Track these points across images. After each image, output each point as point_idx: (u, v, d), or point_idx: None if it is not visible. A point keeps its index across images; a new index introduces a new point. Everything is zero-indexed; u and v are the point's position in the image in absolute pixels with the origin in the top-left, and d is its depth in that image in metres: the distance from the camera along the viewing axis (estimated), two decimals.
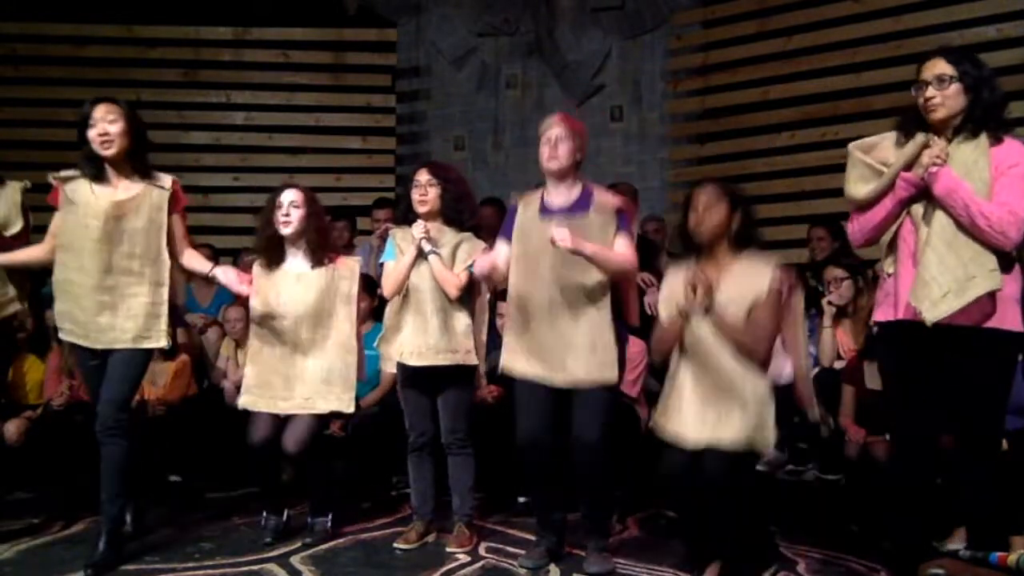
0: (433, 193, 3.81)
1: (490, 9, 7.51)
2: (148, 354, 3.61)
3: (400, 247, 3.85)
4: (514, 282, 3.56)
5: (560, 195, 3.54)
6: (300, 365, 3.81)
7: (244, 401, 3.85)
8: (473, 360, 3.81)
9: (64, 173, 3.54)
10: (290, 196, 3.85)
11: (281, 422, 3.88)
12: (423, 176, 3.84)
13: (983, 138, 2.93)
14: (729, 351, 3.15)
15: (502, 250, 3.61)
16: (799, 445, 4.82)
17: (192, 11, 7.14)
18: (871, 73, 6.19)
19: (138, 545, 3.71)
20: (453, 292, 3.74)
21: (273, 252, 3.88)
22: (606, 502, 3.61)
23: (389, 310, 3.89)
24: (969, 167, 2.90)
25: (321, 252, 3.86)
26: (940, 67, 2.96)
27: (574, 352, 3.44)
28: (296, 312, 3.79)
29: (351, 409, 3.84)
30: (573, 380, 3.44)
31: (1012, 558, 3.47)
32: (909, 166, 2.98)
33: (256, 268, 3.92)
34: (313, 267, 3.85)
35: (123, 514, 3.57)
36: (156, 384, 5.22)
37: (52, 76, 7.07)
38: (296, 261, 3.87)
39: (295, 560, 3.60)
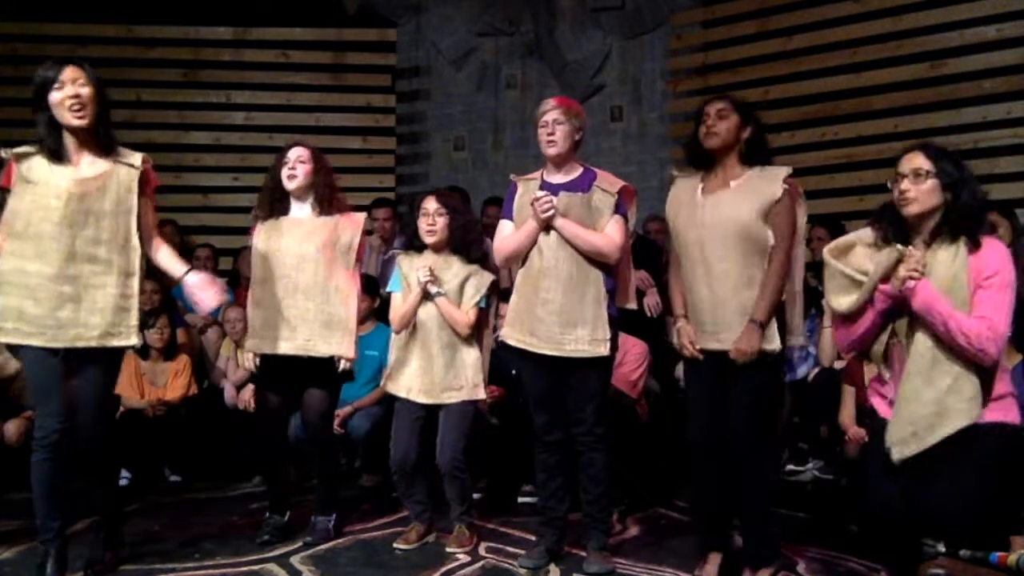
0: (441, 223, 3.80)
1: (490, 9, 7.51)
2: (120, 353, 3.28)
3: (407, 278, 3.85)
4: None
5: (559, 176, 3.56)
6: (302, 306, 3.76)
7: (250, 344, 3.84)
8: (480, 394, 3.82)
9: (20, 149, 3.19)
10: (296, 152, 3.85)
11: (285, 417, 3.90)
12: (431, 205, 3.83)
13: (962, 246, 2.83)
14: (725, 258, 3.18)
15: (507, 229, 3.63)
16: (799, 445, 4.83)
17: (192, 11, 7.14)
18: (871, 73, 6.19)
19: (138, 545, 3.71)
20: (464, 331, 3.76)
21: (276, 204, 3.87)
22: (606, 502, 3.61)
23: (395, 344, 3.90)
24: (950, 283, 2.81)
25: (328, 205, 3.85)
26: (918, 161, 2.87)
27: (568, 324, 3.45)
28: (298, 255, 3.77)
29: (351, 354, 3.81)
30: (564, 352, 3.46)
31: (1012, 558, 3.47)
32: (886, 278, 2.88)
33: (258, 224, 3.90)
34: (318, 218, 3.83)
35: (119, 507, 3.49)
36: (156, 384, 5.23)
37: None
38: (301, 210, 3.87)
39: (295, 560, 3.60)
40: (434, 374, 3.77)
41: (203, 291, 3.35)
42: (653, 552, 3.75)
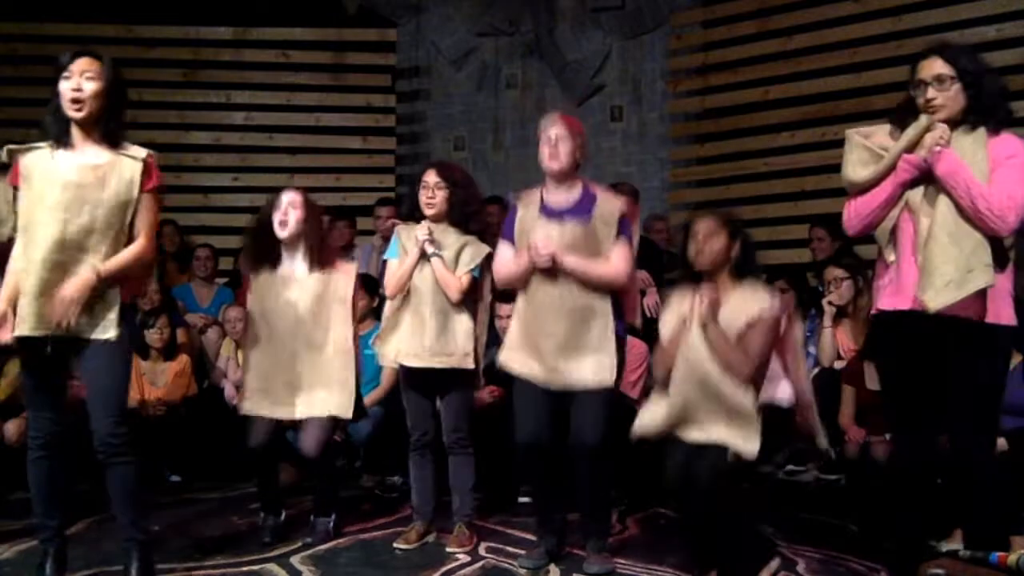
0: (441, 196, 3.80)
1: (490, 9, 7.51)
2: (123, 346, 3.13)
3: (404, 246, 3.84)
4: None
5: (560, 195, 3.54)
6: (299, 370, 3.79)
7: (246, 407, 3.84)
8: (470, 364, 3.79)
9: (20, 146, 3.15)
10: (288, 198, 3.84)
11: (280, 429, 3.89)
12: (431, 178, 3.83)
13: (981, 130, 2.95)
14: (719, 368, 3.15)
15: (506, 253, 3.61)
16: (799, 445, 4.83)
17: (192, 11, 7.14)
18: (871, 73, 6.19)
19: None
20: (454, 295, 3.74)
21: (263, 253, 3.87)
22: (606, 502, 3.61)
23: (388, 309, 3.89)
24: (969, 157, 2.91)
25: (319, 256, 3.85)
26: (938, 67, 2.96)
27: (572, 354, 3.44)
28: (293, 316, 3.78)
29: (349, 415, 3.83)
30: (569, 383, 3.45)
31: (1012, 558, 3.47)
32: (911, 149, 2.99)
33: (252, 276, 3.91)
34: (310, 271, 3.84)
35: (149, 536, 3.29)
36: (156, 384, 5.23)
37: (52, 76, 7.04)
38: (293, 265, 3.86)
39: (295, 560, 3.60)
40: (424, 338, 3.75)
41: (63, 293, 3.02)
42: (653, 552, 3.74)
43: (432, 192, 3.80)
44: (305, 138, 7.34)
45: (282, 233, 3.82)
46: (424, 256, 3.76)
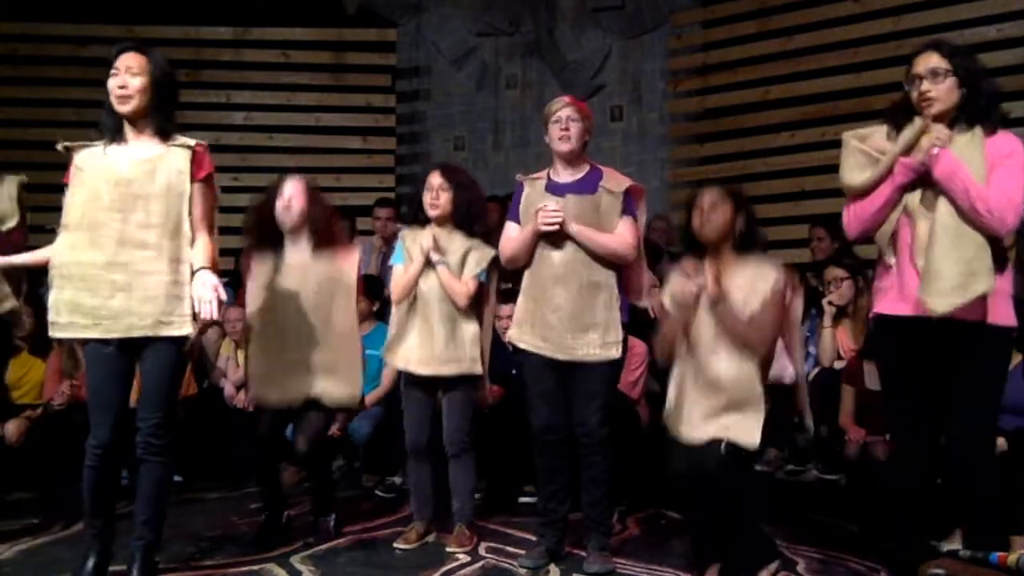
0: (445, 198, 3.79)
1: (490, 9, 7.51)
2: (180, 344, 3.13)
3: (409, 251, 3.84)
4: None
5: (567, 175, 3.57)
6: (304, 356, 3.76)
7: (252, 395, 3.82)
8: (478, 369, 3.80)
9: (76, 143, 3.18)
10: (291, 187, 3.83)
11: (285, 419, 3.89)
12: (436, 179, 3.83)
13: (978, 130, 2.94)
14: (726, 350, 3.15)
15: (512, 232, 3.63)
16: (799, 446, 4.83)
17: (192, 11, 7.14)
18: (871, 73, 6.19)
19: None
20: (462, 301, 3.74)
21: (265, 237, 3.85)
22: (607, 500, 3.61)
23: (395, 316, 3.88)
24: (966, 158, 2.90)
25: (323, 241, 3.85)
26: (933, 61, 2.96)
27: (579, 328, 3.45)
28: (297, 301, 3.77)
29: (356, 403, 3.82)
30: (575, 356, 3.46)
31: (1012, 558, 3.46)
32: (907, 152, 2.98)
33: (255, 260, 3.89)
34: (314, 256, 3.83)
35: (158, 539, 3.27)
36: None
37: (52, 76, 7.07)
38: (297, 250, 3.85)
39: (295, 560, 3.60)
40: (434, 346, 3.76)
41: (201, 293, 3.06)
42: (653, 552, 3.74)
43: (436, 194, 3.80)
44: (305, 138, 7.35)
45: (285, 220, 3.81)
46: (429, 264, 3.76)
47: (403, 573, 3.51)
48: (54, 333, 3.11)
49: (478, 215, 3.87)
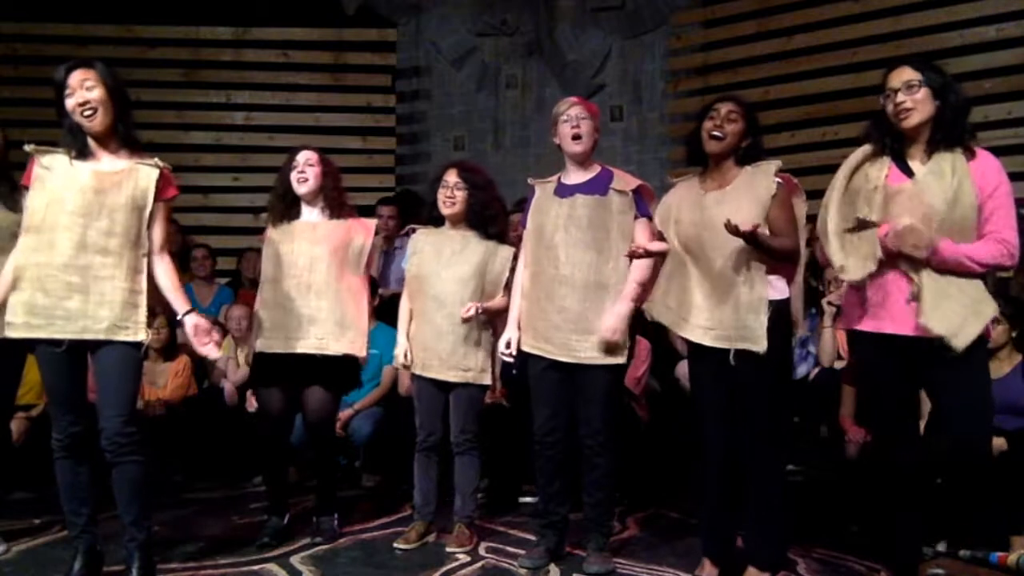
0: (460, 196, 3.80)
1: (490, 9, 7.51)
2: (138, 348, 3.16)
3: (420, 252, 3.86)
4: (528, 258, 3.61)
5: (577, 176, 3.58)
6: (314, 305, 3.76)
7: (260, 345, 3.83)
8: (487, 380, 3.82)
9: (42, 147, 3.19)
10: (305, 156, 3.85)
11: (288, 419, 3.89)
12: (452, 177, 3.84)
13: (959, 154, 2.93)
14: (726, 256, 3.14)
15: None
16: (799, 445, 4.82)
17: (192, 11, 7.14)
18: (871, 73, 6.14)
19: None
20: (503, 314, 3.75)
21: (288, 208, 3.88)
22: (608, 500, 3.61)
23: (403, 314, 3.90)
24: (955, 190, 2.89)
25: (338, 208, 3.87)
26: (907, 74, 2.95)
27: (583, 329, 3.45)
28: (310, 256, 3.78)
29: (363, 353, 3.84)
30: (579, 358, 3.46)
31: (1012, 558, 3.47)
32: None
33: (269, 229, 3.91)
34: (329, 222, 3.86)
35: (151, 536, 3.26)
36: (156, 384, 5.23)
37: (52, 76, 7.05)
38: (311, 214, 3.88)
39: (295, 560, 3.60)
40: (440, 350, 3.77)
41: (202, 339, 3.24)
42: (653, 552, 3.75)
43: (452, 192, 3.81)
44: (305, 138, 7.28)
45: (301, 189, 3.83)
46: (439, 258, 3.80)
47: (403, 573, 3.51)
48: (9, 333, 3.11)
49: (493, 216, 3.87)
